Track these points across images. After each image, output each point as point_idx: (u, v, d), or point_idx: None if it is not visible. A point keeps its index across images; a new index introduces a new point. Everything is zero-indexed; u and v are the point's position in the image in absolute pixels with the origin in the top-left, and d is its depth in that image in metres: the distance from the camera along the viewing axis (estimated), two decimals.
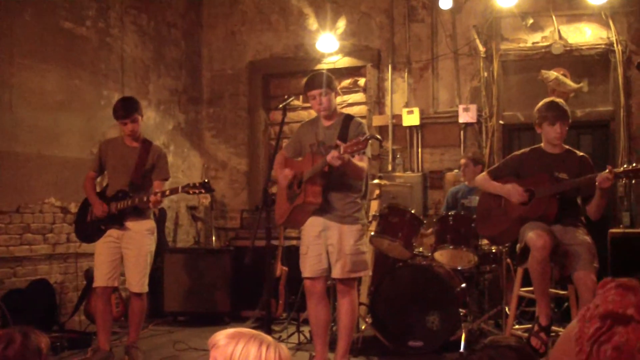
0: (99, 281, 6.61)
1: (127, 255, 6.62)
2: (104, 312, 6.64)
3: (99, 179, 7.15)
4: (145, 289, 6.69)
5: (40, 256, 8.25)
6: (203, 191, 6.35)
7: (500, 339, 2.33)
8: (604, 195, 5.45)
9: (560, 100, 5.91)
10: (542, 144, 5.93)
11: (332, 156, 5.29)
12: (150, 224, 6.74)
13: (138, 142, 6.76)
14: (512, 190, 5.79)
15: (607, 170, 5.28)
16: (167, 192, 6.43)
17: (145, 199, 6.37)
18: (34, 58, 8.20)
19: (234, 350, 2.16)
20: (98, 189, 6.91)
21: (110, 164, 6.76)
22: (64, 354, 7.06)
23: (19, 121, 8.00)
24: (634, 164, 5.35)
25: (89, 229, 6.76)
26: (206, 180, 6.42)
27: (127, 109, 6.63)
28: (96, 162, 6.87)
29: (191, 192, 6.33)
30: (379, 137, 5.95)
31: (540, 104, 5.90)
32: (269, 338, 2.23)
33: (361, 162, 5.66)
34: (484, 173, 6.25)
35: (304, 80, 6.08)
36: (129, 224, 6.60)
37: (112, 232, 6.61)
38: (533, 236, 5.39)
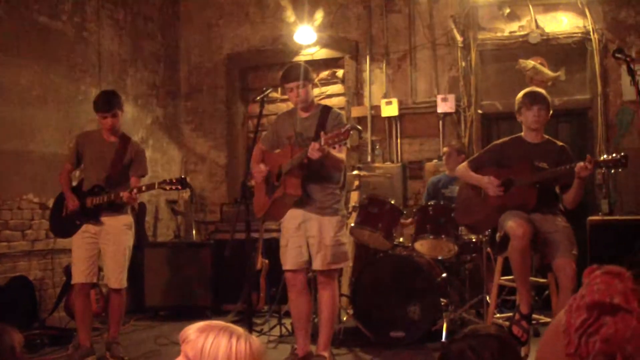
0: (78, 277, 6.55)
1: (105, 251, 6.57)
2: (83, 308, 6.59)
3: (76, 173, 7.09)
4: (124, 284, 6.64)
5: (19, 253, 8.20)
6: (180, 187, 6.31)
7: (481, 328, 2.32)
8: (582, 185, 5.48)
9: (540, 89, 5.94)
10: (522, 134, 5.95)
11: (312, 148, 5.28)
12: (127, 219, 6.69)
13: (116, 137, 6.69)
14: (489, 184, 5.81)
15: (586, 160, 5.30)
16: (143, 188, 6.39)
17: (120, 194, 6.32)
18: (8, 53, 8.13)
19: (205, 344, 2.15)
20: (74, 183, 6.84)
21: (88, 157, 6.68)
22: (45, 351, 7.01)
23: None
24: (613, 154, 5.36)
25: (64, 224, 6.68)
26: (183, 176, 6.40)
27: (108, 102, 6.53)
28: (72, 155, 6.77)
29: (167, 188, 6.30)
30: (359, 127, 5.96)
31: (521, 92, 5.94)
32: (239, 330, 2.22)
33: (340, 154, 5.65)
34: (464, 163, 6.25)
35: (281, 72, 6.06)
36: (106, 219, 6.53)
37: (90, 228, 6.54)
38: (513, 225, 5.41)
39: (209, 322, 2.26)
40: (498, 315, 6.64)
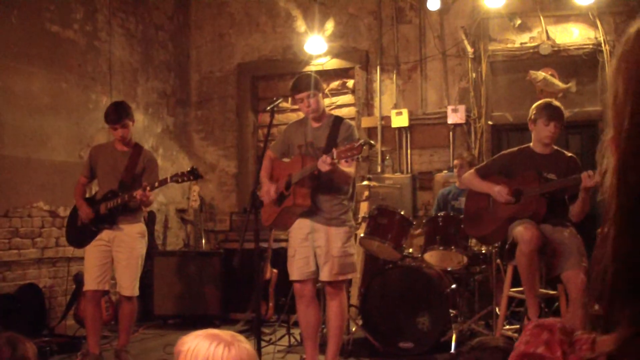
0: (89, 285, 6.57)
1: (118, 258, 6.59)
2: (94, 315, 6.61)
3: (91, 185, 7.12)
4: (136, 292, 6.66)
5: (29, 260, 8.22)
6: (192, 178, 6.37)
7: (489, 340, 2.32)
8: (587, 196, 5.45)
9: (559, 104, 5.92)
10: (531, 144, 5.94)
11: (323, 161, 5.26)
12: (141, 227, 6.73)
13: (129, 146, 6.75)
14: (499, 192, 5.80)
15: (590, 171, 5.29)
16: (156, 184, 6.41)
17: (134, 194, 6.33)
18: (20, 61, 8.16)
19: (187, 350, 2.28)
20: (88, 195, 6.88)
21: (101, 169, 6.73)
22: (54, 359, 7.02)
23: (5, 125, 7.96)
24: None
25: (80, 233, 6.73)
26: (194, 167, 6.42)
27: (117, 113, 6.58)
28: (87, 168, 6.83)
29: (180, 180, 6.35)
30: (372, 142, 5.95)
31: (540, 102, 5.93)
32: (228, 337, 2.33)
33: (349, 168, 5.62)
34: (471, 171, 6.24)
35: (291, 83, 6.05)
36: (121, 226, 6.57)
37: (103, 236, 6.57)
38: (521, 229, 5.41)
39: (202, 331, 2.37)
40: (507, 326, 6.62)
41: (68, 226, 6.99)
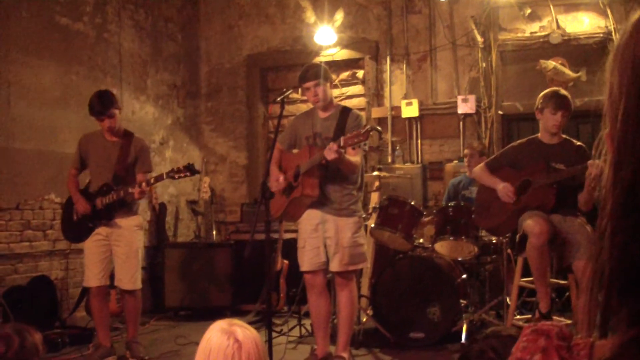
0: (92, 281, 6.55)
1: (117, 252, 6.56)
2: (100, 309, 6.61)
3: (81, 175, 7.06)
4: (139, 285, 6.63)
5: (40, 252, 8.25)
6: (188, 174, 6.28)
7: (502, 329, 2.33)
8: (594, 185, 5.44)
9: (566, 92, 5.91)
10: (538, 134, 5.93)
11: (329, 148, 5.27)
12: (138, 219, 6.70)
13: (118, 136, 6.67)
14: (503, 190, 5.81)
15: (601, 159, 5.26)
16: (152, 180, 6.36)
17: (130, 190, 6.31)
18: (30, 54, 8.18)
19: (202, 341, 2.53)
20: (81, 186, 6.82)
21: (92, 159, 6.65)
22: (66, 350, 7.07)
23: (17, 117, 7.98)
24: None
25: (77, 228, 6.68)
26: (190, 163, 6.37)
27: (102, 104, 6.46)
28: (76, 159, 6.74)
29: (176, 176, 6.28)
30: (379, 128, 5.94)
31: (547, 90, 5.92)
32: (231, 327, 2.47)
33: (355, 157, 5.62)
34: (481, 164, 6.25)
35: (298, 75, 6.05)
36: (117, 220, 6.52)
37: (101, 230, 6.54)
38: (530, 222, 5.41)
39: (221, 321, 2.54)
40: (518, 316, 6.62)
41: (63, 220, 6.94)
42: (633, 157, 0.92)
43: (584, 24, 9.34)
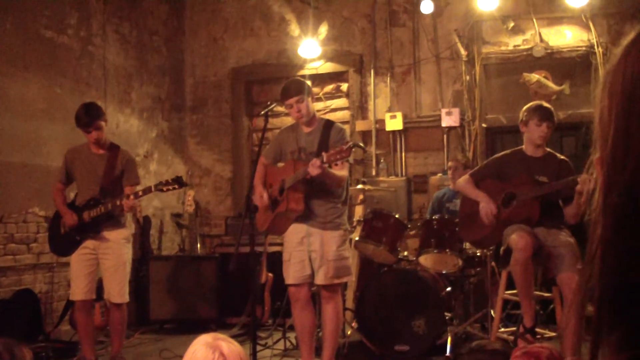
0: (78, 295, 6.51)
1: (105, 265, 6.53)
2: (85, 323, 6.57)
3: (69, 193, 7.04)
4: (126, 298, 6.60)
5: (24, 266, 8.21)
6: (177, 186, 6.29)
7: (487, 343, 2.34)
8: (581, 199, 5.47)
9: (549, 105, 5.95)
10: (523, 147, 5.96)
11: (312, 164, 5.28)
12: (126, 232, 6.66)
13: (104, 148, 6.65)
14: (485, 208, 5.83)
15: (585, 170, 5.28)
16: (140, 193, 6.34)
17: (118, 203, 6.30)
18: (15, 66, 8.16)
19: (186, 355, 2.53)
20: (68, 200, 6.81)
21: (78, 172, 6.63)
22: None
23: (1, 130, 7.95)
24: None
25: (64, 241, 6.64)
26: (179, 175, 6.37)
27: (89, 116, 6.44)
28: (62, 173, 6.73)
29: (165, 189, 6.28)
30: (361, 144, 5.96)
31: (530, 103, 5.97)
32: (216, 342, 2.48)
33: (341, 171, 5.64)
34: (466, 176, 6.26)
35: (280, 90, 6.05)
36: (105, 233, 6.49)
37: (88, 244, 6.50)
38: (515, 237, 5.43)
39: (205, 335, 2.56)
40: (503, 329, 6.64)
41: (50, 235, 6.91)
42: (622, 182, 0.93)
43: (566, 37, 9.41)
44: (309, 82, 6.08)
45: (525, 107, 5.92)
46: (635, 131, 0.93)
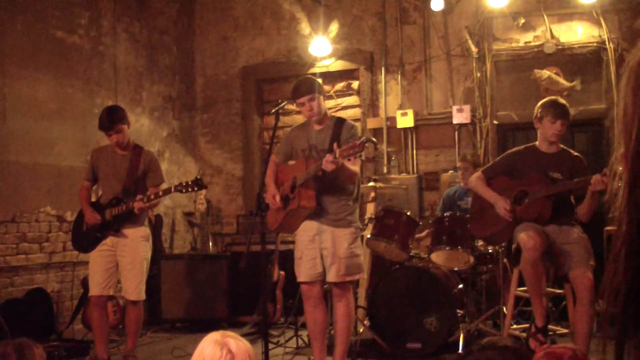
0: (94, 290, 6.58)
1: (122, 262, 6.59)
2: (100, 320, 6.61)
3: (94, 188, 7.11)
4: (142, 296, 6.65)
5: (36, 265, 8.25)
6: (196, 188, 6.35)
7: (498, 340, 2.33)
8: (595, 197, 5.45)
9: (564, 102, 5.91)
10: (536, 142, 5.93)
11: (326, 160, 5.28)
12: (145, 230, 6.71)
13: (128, 149, 6.73)
14: (500, 206, 5.80)
15: (602, 174, 5.26)
16: (160, 193, 6.43)
17: (131, 204, 6.36)
18: (26, 67, 8.19)
19: (195, 353, 2.54)
20: (94, 198, 6.89)
21: (103, 172, 6.73)
22: None
23: (12, 130, 7.99)
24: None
25: (85, 238, 6.73)
26: (198, 177, 6.40)
27: (109, 120, 6.55)
28: (89, 172, 6.84)
29: (184, 190, 6.34)
30: (374, 139, 5.95)
31: (545, 99, 5.93)
32: (223, 340, 2.48)
33: (354, 166, 5.64)
34: (478, 172, 6.23)
35: (291, 88, 6.05)
36: (124, 231, 6.56)
37: (107, 241, 6.57)
38: (524, 237, 5.41)
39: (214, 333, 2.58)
40: (515, 326, 6.63)
41: (74, 230, 7.00)
42: None
43: (577, 33, 9.37)
44: (319, 80, 6.08)
45: (540, 103, 5.89)
46: None
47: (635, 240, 0.91)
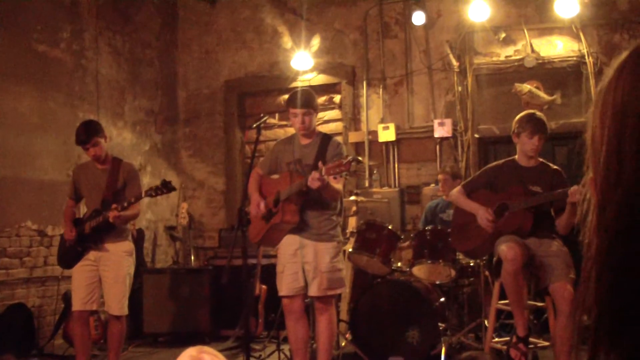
0: (76, 305, 6.53)
1: (105, 277, 6.55)
2: (82, 335, 6.58)
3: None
4: (125, 311, 6.61)
5: (17, 280, 8.20)
6: (165, 191, 6.35)
7: (478, 355, 2.35)
8: (574, 209, 5.47)
9: (541, 115, 5.95)
10: (516, 157, 5.96)
11: (312, 177, 5.28)
12: (128, 245, 6.68)
13: (107, 163, 6.70)
14: (482, 216, 5.82)
15: (581, 184, 5.30)
16: (132, 200, 6.40)
17: (105, 214, 6.33)
18: (7, 80, 8.17)
19: None
20: (79, 216, 6.87)
21: (84, 188, 6.71)
22: None
23: None
24: None
25: (67, 254, 6.70)
26: (167, 180, 6.42)
27: (87, 133, 6.51)
28: (71, 189, 6.81)
29: (154, 194, 6.34)
30: (360, 158, 5.96)
31: (522, 114, 5.94)
32: (198, 356, 2.48)
33: (337, 184, 5.65)
34: (458, 187, 6.26)
35: (287, 95, 6.06)
36: (107, 245, 6.53)
37: (90, 256, 6.53)
38: (504, 248, 5.43)
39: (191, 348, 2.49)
40: (497, 339, 6.64)
41: (59, 249, 6.97)
42: (616, 202, 0.93)
43: (557, 47, 9.45)
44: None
45: (517, 118, 5.91)
46: (627, 151, 0.93)
47: (603, 262, 0.93)
